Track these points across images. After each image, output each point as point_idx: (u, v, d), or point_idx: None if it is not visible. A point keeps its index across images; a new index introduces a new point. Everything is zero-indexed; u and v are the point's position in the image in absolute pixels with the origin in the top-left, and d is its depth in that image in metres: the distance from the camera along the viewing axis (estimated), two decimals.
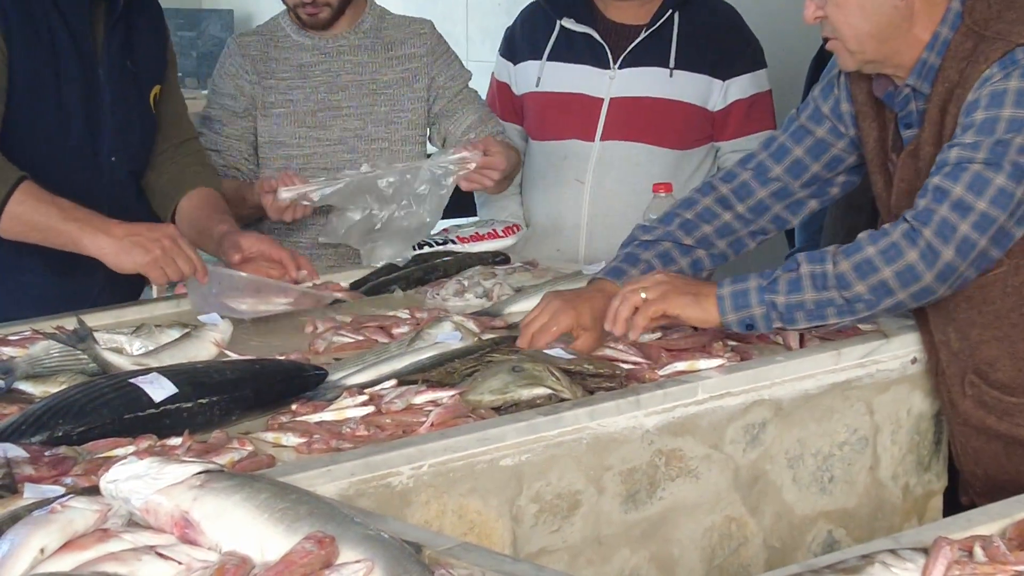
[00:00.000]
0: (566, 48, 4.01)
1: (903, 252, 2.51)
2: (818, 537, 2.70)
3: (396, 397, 2.40)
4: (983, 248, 2.50)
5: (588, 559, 2.40)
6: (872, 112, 2.76)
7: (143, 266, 2.93)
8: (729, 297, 2.59)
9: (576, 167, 3.97)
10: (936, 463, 2.86)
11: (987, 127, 2.49)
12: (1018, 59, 2.51)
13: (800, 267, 2.57)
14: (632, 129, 3.94)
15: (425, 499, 2.20)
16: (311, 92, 3.71)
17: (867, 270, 2.52)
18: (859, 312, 2.56)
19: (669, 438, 2.48)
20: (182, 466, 1.77)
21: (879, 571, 1.69)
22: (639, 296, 2.60)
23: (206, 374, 2.41)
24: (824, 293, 2.54)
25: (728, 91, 3.97)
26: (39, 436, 2.22)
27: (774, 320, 2.58)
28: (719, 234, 2.89)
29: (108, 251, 2.94)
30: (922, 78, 2.62)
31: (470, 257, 3.53)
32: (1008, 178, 2.48)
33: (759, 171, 2.89)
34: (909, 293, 2.53)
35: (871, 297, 2.53)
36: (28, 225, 2.96)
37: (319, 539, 1.64)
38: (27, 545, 1.66)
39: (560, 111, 4.00)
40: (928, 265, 2.50)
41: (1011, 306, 2.61)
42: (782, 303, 2.56)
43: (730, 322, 2.59)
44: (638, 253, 2.85)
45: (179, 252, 2.95)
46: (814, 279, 2.55)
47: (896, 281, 2.52)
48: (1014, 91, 2.49)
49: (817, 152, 2.87)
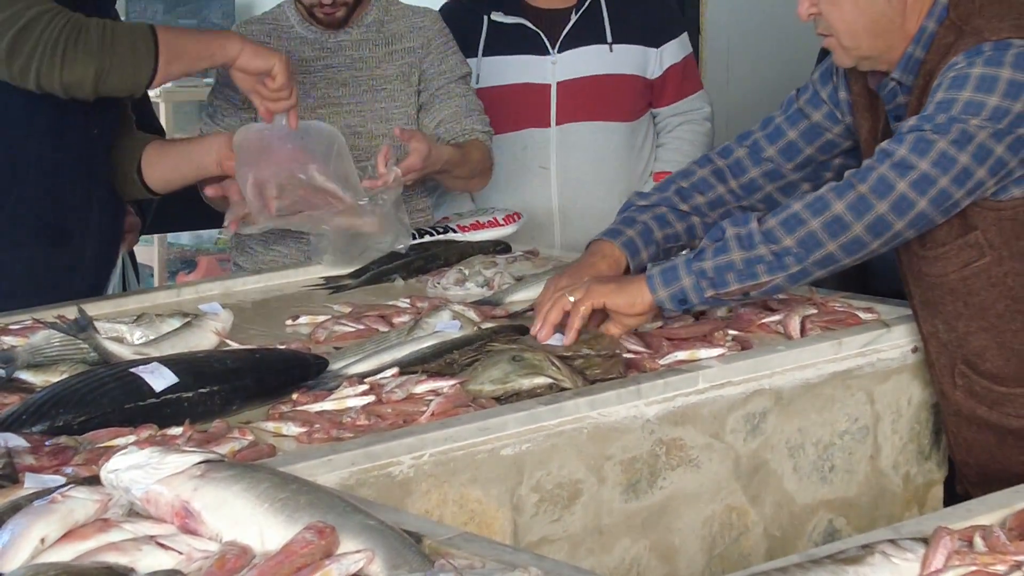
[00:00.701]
0: (500, 41, 4.10)
1: (830, 203, 2.50)
2: (819, 526, 2.70)
3: (397, 386, 2.40)
4: (923, 209, 2.49)
5: (589, 548, 2.40)
6: (866, 103, 2.76)
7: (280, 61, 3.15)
8: (659, 275, 2.58)
9: (538, 154, 4.06)
10: (937, 452, 2.86)
11: (944, 105, 2.50)
12: (983, 50, 2.51)
13: (725, 232, 2.57)
14: (585, 109, 4.06)
15: (426, 489, 2.20)
16: (311, 87, 3.70)
17: (794, 224, 2.52)
18: (789, 267, 2.52)
19: (670, 427, 2.48)
20: (182, 456, 1.77)
21: (879, 561, 1.69)
22: (566, 299, 2.60)
23: (207, 363, 2.42)
24: (752, 251, 2.53)
25: (662, 58, 4.15)
26: (40, 426, 2.22)
27: (705, 288, 2.55)
28: (711, 205, 2.90)
29: (247, 49, 3.14)
30: (907, 71, 2.63)
31: (471, 246, 3.54)
32: (952, 144, 2.48)
33: (753, 149, 2.91)
34: (838, 245, 2.51)
35: (799, 250, 2.51)
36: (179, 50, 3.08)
37: (319, 529, 1.64)
38: (28, 535, 1.66)
39: (509, 103, 4.06)
40: (856, 216, 2.49)
41: (996, 297, 2.61)
42: (710, 267, 2.54)
43: (662, 299, 2.57)
44: (635, 216, 2.86)
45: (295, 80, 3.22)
46: (740, 239, 2.54)
47: (824, 232, 2.50)
48: (976, 76, 2.50)
49: (811, 136, 2.87)
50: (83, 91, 2.99)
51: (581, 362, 2.50)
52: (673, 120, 4.18)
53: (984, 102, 2.48)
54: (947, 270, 2.63)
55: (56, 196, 3.19)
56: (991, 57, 2.50)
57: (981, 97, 2.48)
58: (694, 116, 4.19)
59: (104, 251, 3.32)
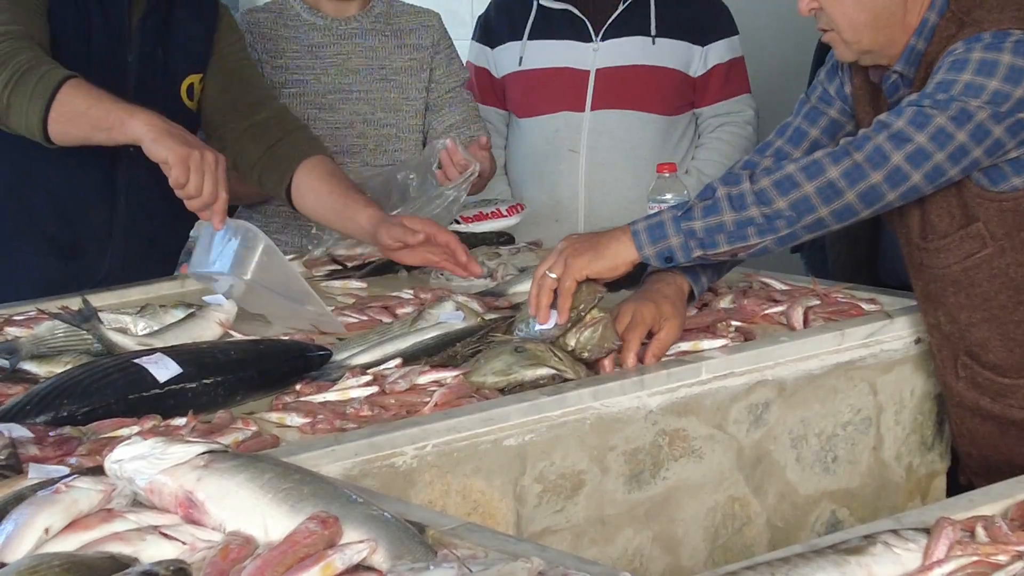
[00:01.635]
0: (546, 26, 4.13)
1: (825, 168, 2.49)
2: (821, 517, 2.70)
3: (400, 377, 2.41)
4: (916, 183, 2.49)
5: (592, 539, 2.40)
6: (868, 96, 2.76)
7: (175, 153, 2.73)
8: (644, 231, 2.54)
9: (569, 138, 4.09)
10: (939, 443, 2.86)
11: (944, 86, 2.50)
12: (982, 38, 2.51)
13: (716, 191, 2.54)
14: (621, 97, 4.07)
15: (429, 479, 2.20)
16: (321, 74, 3.71)
17: (787, 186, 2.50)
18: (780, 230, 2.51)
19: (673, 418, 2.48)
20: (186, 446, 1.77)
21: (881, 551, 1.69)
22: (550, 279, 2.55)
23: (210, 354, 2.42)
24: (743, 212, 2.51)
25: (707, 56, 4.15)
26: (44, 416, 2.22)
27: (693, 249, 2.52)
28: None
29: (152, 130, 2.77)
30: (909, 64, 2.63)
31: (474, 237, 3.54)
32: (951, 120, 2.47)
33: (779, 157, 2.89)
34: (830, 210, 2.49)
35: (791, 213, 2.50)
36: (77, 110, 2.84)
37: (323, 519, 1.64)
38: (32, 525, 1.66)
39: (547, 86, 4.11)
40: (850, 183, 2.48)
41: (998, 288, 2.61)
42: (700, 228, 2.51)
43: (648, 256, 2.54)
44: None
45: (212, 174, 2.74)
46: (731, 200, 2.52)
47: (817, 196, 2.49)
48: (976, 60, 2.49)
49: (832, 132, 2.87)
50: None
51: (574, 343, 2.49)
52: (714, 121, 4.18)
53: (984, 84, 2.47)
54: (949, 262, 2.63)
55: (66, 210, 3.17)
56: (990, 43, 2.50)
57: (981, 80, 2.47)
58: (736, 118, 4.18)
59: (128, 266, 3.24)
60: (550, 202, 4.11)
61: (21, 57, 2.89)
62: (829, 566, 1.64)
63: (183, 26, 3.26)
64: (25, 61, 2.89)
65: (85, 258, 3.13)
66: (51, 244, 3.11)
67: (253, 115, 3.31)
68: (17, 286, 3.12)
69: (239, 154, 3.29)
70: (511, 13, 4.19)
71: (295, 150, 3.26)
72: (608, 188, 4.09)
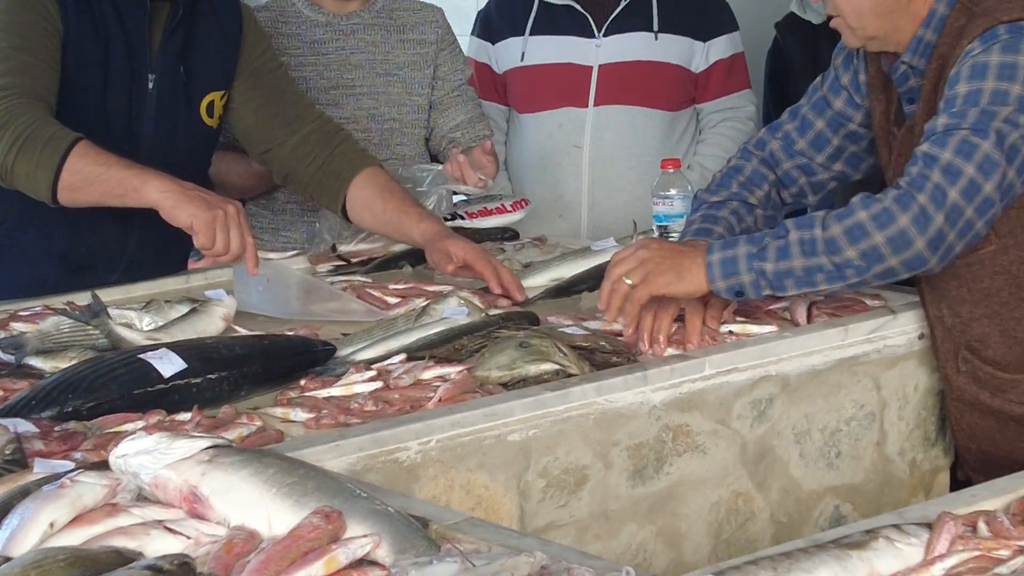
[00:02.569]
0: (548, 21, 4.13)
1: (895, 217, 2.46)
2: (825, 512, 2.70)
3: (404, 372, 2.41)
4: (969, 217, 2.47)
5: (595, 534, 2.40)
6: (881, 85, 2.76)
7: (198, 219, 2.74)
8: (718, 264, 2.56)
9: (572, 133, 4.09)
10: (943, 439, 2.86)
11: (972, 98, 2.49)
12: (999, 34, 2.51)
13: (789, 234, 2.54)
14: (624, 93, 4.07)
15: (433, 474, 2.20)
16: (324, 69, 3.71)
17: (858, 235, 2.49)
18: (849, 278, 2.52)
19: (676, 413, 2.49)
20: (191, 441, 1.78)
21: (883, 546, 1.69)
22: (625, 284, 2.59)
23: (215, 349, 2.42)
24: (813, 259, 2.52)
25: (709, 52, 4.16)
26: (49, 411, 2.23)
27: (763, 288, 2.55)
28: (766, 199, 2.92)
29: (170, 196, 2.77)
30: (918, 54, 2.63)
31: (479, 233, 3.54)
32: (994, 146, 2.46)
33: (786, 142, 2.92)
34: (901, 260, 2.49)
35: (861, 263, 2.50)
36: (89, 177, 2.84)
37: (326, 514, 1.65)
38: (37, 519, 1.67)
39: (550, 81, 4.11)
40: (920, 231, 2.46)
41: (1000, 285, 2.61)
42: (771, 270, 2.53)
43: (719, 289, 2.57)
44: (715, 213, 2.86)
45: (237, 225, 2.77)
46: (803, 245, 2.52)
47: (888, 247, 2.48)
48: (996, 64, 2.49)
49: (836, 126, 2.88)
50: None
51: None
52: (715, 116, 4.18)
53: (1008, 91, 2.47)
54: None
55: (80, 229, 3.15)
56: (1008, 42, 2.49)
57: (1005, 86, 2.47)
58: (737, 114, 4.18)
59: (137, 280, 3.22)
60: (553, 198, 4.12)
61: (23, 119, 2.87)
62: (831, 560, 1.65)
63: (205, 43, 3.21)
64: (27, 124, 2.87)
65: (95, 273, 3.12)
66: (62, 261, 3.10)
67: (297, 130, 3.30)
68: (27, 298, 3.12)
69: (289, 173, 3.32)
70: (512, 8, 4.19)
71: (347, 166, 3.27)
72: (612, 184, 4.09)
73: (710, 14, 4.17)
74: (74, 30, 3.03)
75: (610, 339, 2.57)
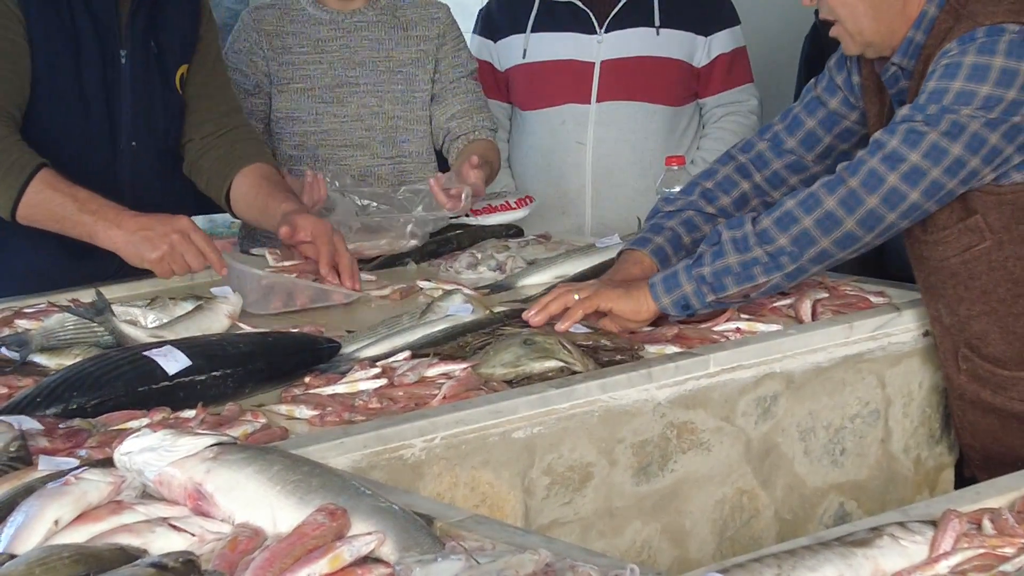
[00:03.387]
0: (549, 18, 4.15)
1: (821, 200, 2.52)
2: (829, 509, 2.70)
3: (409, 370, 2.41)
4: (915, 201, 2.50)
5: (600, 531, 2.40)
6: (874, 87, 2.77)
7: (150, 262, 2.89)
8: (660, 283, 2.61)
9: (575, 130, 4.10)
10: (947, 436, 2.86)
11: (936, 96, 2.51)
12: (976, 36, 2.52)
13: (722, 235, 2.59)
14: (626, 89, 4.08)
15: (437, 471, 2.20)
16: (328, 67, 3.71)
17: (787, 222, 2.54)
18: (785, 266, 2.56)
19: (681, 411, 2.48)
20: (195, 438, 1.78)
21: (888, 543, 1.69)
22: (571, 296, 2.61)
23: (219, 347, 2.42)
24: (748, 253, 2.56)
25: (711, 47, 4.17)
26: (53, 408, 2.23)
27: (706, 293, 2.58)
28: (736, 205, 2.90)
29: (119, 245, 2.91)
30: (908, 56, 2.63)
31: (483, 230, 3.54)
32: (943, 135, 2.48)
33: (775, 142, 2.90)
34: (832, 240, 2.53)
35: (794, 248, 2.54)
36: (45, 214, 2.95)
37: (331, 511, 1.65)
38: (41, 517, 1.67)
39: (552, 78, 4.12)
40: (848, 211, 2.51)
41: (997, 281, 2.61)
42: (708, 273, 2.57)
43: (666, 306, 2.60)
44: (662, 223, 2.87)
45: (188, 247, 2.88)
46: (735, 243, 2.57)
47: (817, 228, 2.52)
48: (968, 65, 2.50)
49: (829, 124, 2.87)
50: None
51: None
52: (718, 111, 4.19)
53: (976, 91, 2.48)
54: (948, 254, 2.64)
55: None
56: (984, 44, 2.50)
57: (973, 86, 2.48)
58: (740, 108, 4.19)
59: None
60: (557, 195, 4.12)
61: None
62: (835, 558, 1.65)
63: (171, 17, 3.26)
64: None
65: (94, 258, 3.14)
66: (60, 245, 3.11)
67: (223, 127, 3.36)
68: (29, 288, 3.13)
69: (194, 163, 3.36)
70: (513, 6, 4.20)
71: (238, 159, 3.33)
72: (615, 180, 4.09)
73: (711, 9, 4.18)
74: (36, 16, 3.05)
75: (612, 337, 2.57)
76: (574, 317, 2.58)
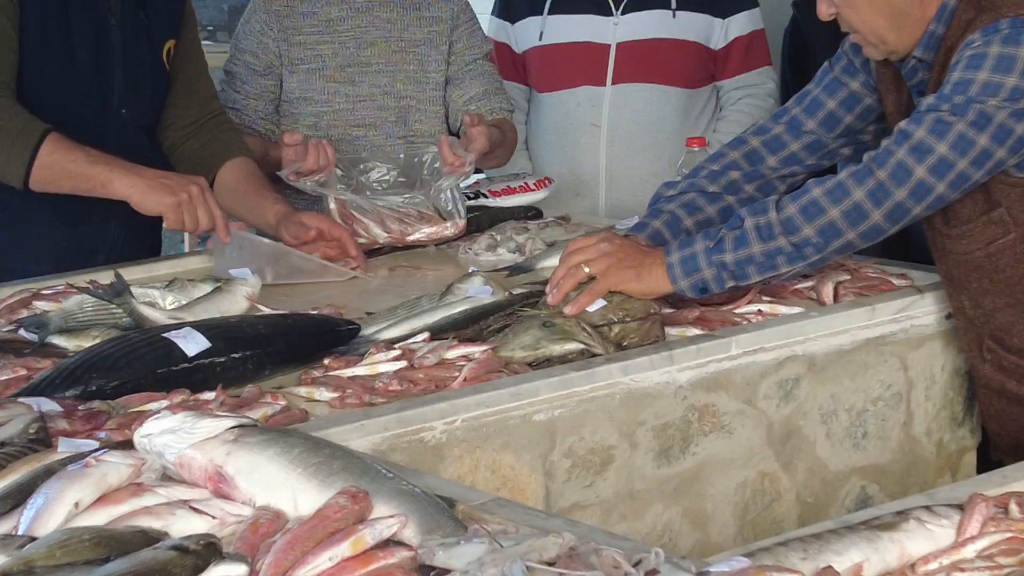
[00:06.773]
0: (566, 1, 4.07)
1: (849, 191, 2.50)
2: (851, 493, 2.69)
3: (429, 352, 2.40)
4: (941, 193, 2.49)
5: (621, 514, 2.40)
6: (891, 77, 2.75)
7: (166, 206, 2.92)
8: (679, 264, 2.56)
9: (590, 112, 4.09)
10: (970, 419, 2.85)
11: (961, 86, 2.49)
12: (1000, 28, 2.50)
13: (744, 221, 2.55)
14: (642, 71, 4.07)
15: (458, 454, 2.20)
16: (340, 47, 3.69)
17: (814, 212, 2.51)
18: (809, 256, 2.53)
19: (702, 393, 2.48)
20: (215, 420, 1.77)
21: (914, 527, 1.68)
22: (583, 271, 2.57)
23: (239, 328, 2.42)
24: (771, 243, 2.53)
25: (728, 29, 4.15)
26: (73, 390, 2.22)
27: (726, 280, 2.55)
28: (748, 178, 2.86)
29: (136, 189, 2.93)
30: (928, 48, 2.61)
31: (502, 211, 3.53)
32: (970, 125, 2.46)
33: (792, 124, 2.88)
34: (858, 232, 2.51)
35: (819, 240, 2.51)
36: (58, 173, 2.96)
37: (352, 494, 1.64)
38: (62, 499, 1.66)
39: (568, 60, 4.11)
40: (876, 204, 2.49)
41: (1022, 273, 2.60)
42: (731, 260, 2.54)
43: (683, 288, 2.57)
44: (661, 207, 2.84)
45: (203, 203, 2.93)
46: (759, 231, 2.53)
47: (844, 220, 2.50)
48: (993, 56, 2.48)
49: (851, 104, 2.85)
50: None
51: (618, 331, 2.49)
52: (735, 94, 4.17)
53: (1002, 83, 2.46)
54: (972, 248, 2.62)
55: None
56: (1008, 35, 2.48)
57: (999, 78, 2.46)
58: (757, 91, 4.17)
59: (132, 233, 3.28)
60: (571, 176, 4.11)
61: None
62: (862, 542, 1.64)
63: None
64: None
65: (90, 225, 3.15)
66: (57, 213, 3.12)
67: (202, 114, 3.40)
68: (25, 255, 3.16)
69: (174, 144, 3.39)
70: None
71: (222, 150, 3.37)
72: (630, 162, 4.08)
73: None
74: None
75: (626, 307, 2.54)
76: (584, 304, 2.55)
